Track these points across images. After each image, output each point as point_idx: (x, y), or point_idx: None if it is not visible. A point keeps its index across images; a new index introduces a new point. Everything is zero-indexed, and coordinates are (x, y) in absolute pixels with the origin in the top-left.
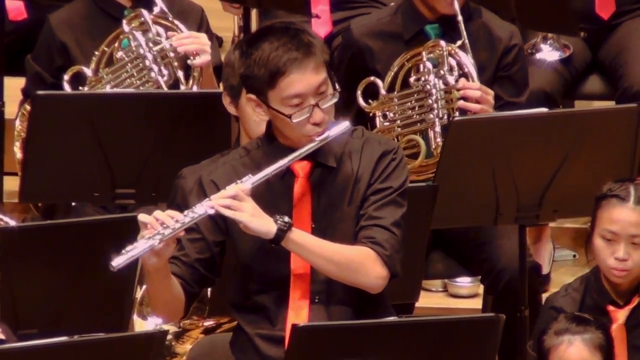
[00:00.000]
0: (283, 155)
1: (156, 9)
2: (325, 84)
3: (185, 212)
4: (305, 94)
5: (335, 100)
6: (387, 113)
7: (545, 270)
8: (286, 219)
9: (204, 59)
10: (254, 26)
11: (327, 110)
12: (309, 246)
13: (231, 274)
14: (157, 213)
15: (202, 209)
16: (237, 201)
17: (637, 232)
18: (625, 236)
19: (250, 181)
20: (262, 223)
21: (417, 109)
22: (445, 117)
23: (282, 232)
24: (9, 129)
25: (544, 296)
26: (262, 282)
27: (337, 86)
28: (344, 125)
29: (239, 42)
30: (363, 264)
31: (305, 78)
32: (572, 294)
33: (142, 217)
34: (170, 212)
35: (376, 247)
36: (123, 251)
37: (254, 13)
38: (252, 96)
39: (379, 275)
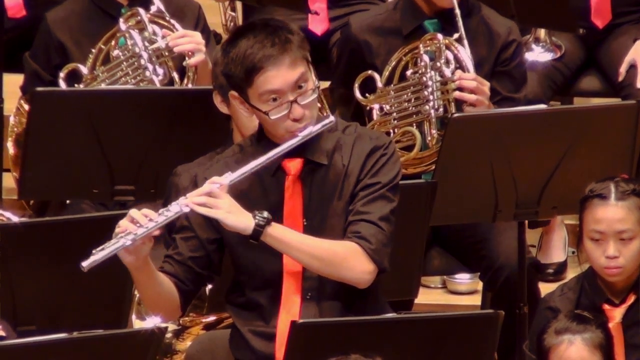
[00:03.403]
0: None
1: (153, 8)
2: (304, 79)
3: (160, 211)
4: (282, 90)
5: (315, 96)
6: (384, 106)
7: (561, 258)
8: (265, 214)
9: (199, 58)
10: (240, 18)
11: (308, 105)
12: (289, 241)
13: (228, 271)
14: (133, 212)
15: (177, 207)
16: (212, 198)
17: (623, 228)
18: (612, 233)
19: (228, 178)
20: (239, 219)
21: (413, 101)
22: (441, 109)
23: (260, 228)
24: (8, 126)
25: (556, 285)
26: (254, 278)
27: (317, 82)
28: (327, 120)
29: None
30: (346, 259)
31: (280, 74)
32: (568, 294)
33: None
34: (145, 210)
35: (361, 242)
36: (93, 251)
37: (239, 6)
38: (235, 93)
39: (364, 269)
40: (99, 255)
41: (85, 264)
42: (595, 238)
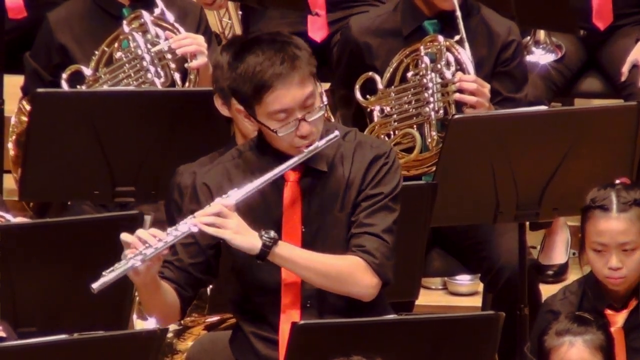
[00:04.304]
0: (274, 162)
1: (157, 10)
2: (312, 97)
3: (169, 231)
4: (291, 109)
5: (322, 112)
6: (384, 108)
7: (563, 259)
8: (272, 233)
9: (201, 61)
10: (236, 24)
11: (315, 122)
12: (296, 260)
13: (230, 272)
14: (140, 232)
15: (186, 227)
16: (220, 218)
17: (626, 240)
18: (615, 245)
19: (234, 197)
20: (245, 240)
21: (413, 102)
22: (442, 111)
23: (266, 248)
24: (9, 126)
25: (557, 287)
26: (255, 288)
27: (325, 100)
28: (333, 135)
29: (226, 43)
30: (352, 274)
31: (290, 93)
32: (570, 298)
33: (124, 236)
34: (153, 230)
35: (366, 256)
36: (104, 273)
37: (232, 10)
38: (241, 108)
39: (369, 284)
40: (109, 277)
41: (95, 285)
42: (597, 249)
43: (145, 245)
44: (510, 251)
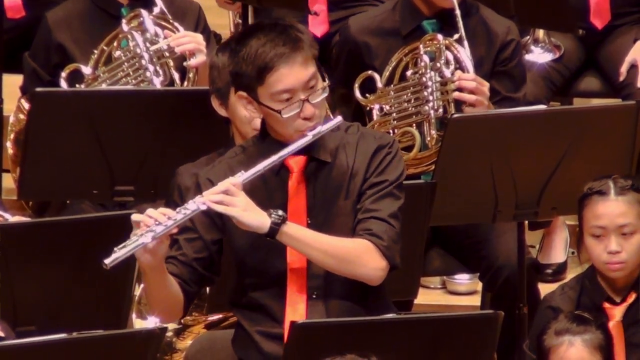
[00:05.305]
0: (276, 151)
1: (156, 9)
2: (315, 78)
3: (178, 209)
4: (295, 89)
5: (325, 94)
6: (384, 106)
7: (561, 258)
8: (280, 212)
9: (200, 59)
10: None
11: (318, 104)
12: (304, 239)
13: (228, 271)
14: (150, 211)
15: (195, 205)
16: (229, 196)
17: (625, 222)
18: (614, 228)
19: (242, 177)
20: (255, 217)
21: (412, 101)
22: (441, 109)
23: (276, 226)
24: (7, 126)
25: (556, 286)
26: (259, 278)
27: (327, 80)
28: (336, 120)
29: (222, 44)
30: (360, 256)
31: (293, 72)
32: (569, 293)
33: (134, 216)
34: (163, 209)
35: (373, 239)
36: (115, 249)
37: (250, 9)
38: (243, 93)
39: (377, 266)
40: (120, 252)
41: (107, 261)
42: (596, 234)
43: (155, 223)
44: (509, 250)
